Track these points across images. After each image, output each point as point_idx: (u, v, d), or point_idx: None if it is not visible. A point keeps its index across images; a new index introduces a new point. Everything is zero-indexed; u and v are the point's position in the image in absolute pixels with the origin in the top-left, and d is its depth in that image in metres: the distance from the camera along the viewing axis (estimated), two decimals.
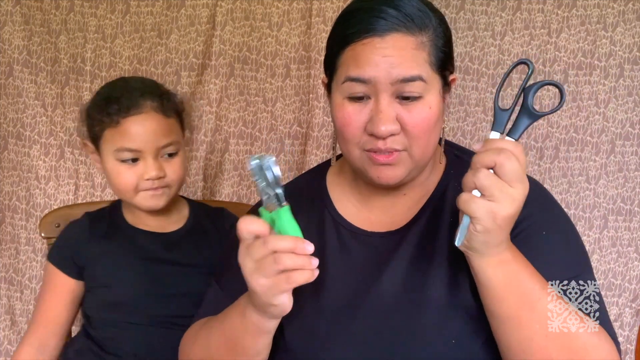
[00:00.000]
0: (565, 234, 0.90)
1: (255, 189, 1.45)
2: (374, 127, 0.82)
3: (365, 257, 0.91)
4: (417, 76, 0.82)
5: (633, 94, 1.32)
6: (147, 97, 1.09)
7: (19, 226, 1.48)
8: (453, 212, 0.89)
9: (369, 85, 0.82)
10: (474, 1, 1.34)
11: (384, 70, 0.81)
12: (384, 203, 0.94)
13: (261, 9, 1.42)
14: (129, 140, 1.07)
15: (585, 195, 1.35)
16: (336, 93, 0.87)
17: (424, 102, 0.83)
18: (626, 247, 1.35)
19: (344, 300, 0.89)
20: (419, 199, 0.93)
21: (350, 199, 0.97)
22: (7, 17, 1.44)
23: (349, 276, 0.90)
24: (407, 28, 0.82)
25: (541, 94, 1.33)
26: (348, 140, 0.86)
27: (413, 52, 0.82)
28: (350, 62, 0.84)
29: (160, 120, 1.09)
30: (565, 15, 1.33)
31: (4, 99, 1.46)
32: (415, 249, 0.89)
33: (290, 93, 1.43)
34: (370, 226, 0.94)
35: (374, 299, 0.87)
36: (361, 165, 0.88)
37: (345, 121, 0.85)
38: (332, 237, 0.94)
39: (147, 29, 1.44)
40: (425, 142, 0.85)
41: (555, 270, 0.83)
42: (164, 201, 1.11)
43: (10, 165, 1.48)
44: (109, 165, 1.10)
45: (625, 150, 1.33)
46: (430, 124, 0.84)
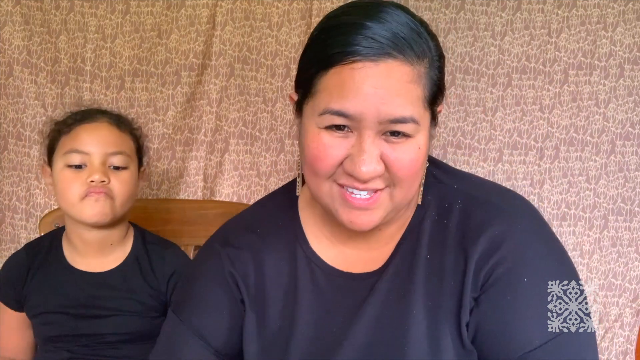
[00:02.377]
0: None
1: (255, 189, 1.46)
2: (355, 167, 0.71)
3: (340, 302, 0.83)
4: (408, 117, 0.71)
5: (633, 94, 1.32)
6: (104, 114, 1.14)
7: (19, 226, 1.48)
8: (429, 247, 0.81)
9: (353, 121, 0.71)
10: (474, 1, 1.34)
11: (372, 106, 0.69)
12: (359, 239, 0.85)
13: (261, 9, 1.42)
14: (79, 142, 1.08)
15: (586, 195, 1.35)
16: (310, 120, 0.75)
17: (412, 142, 0.73)
18: (626, 247, 1.35)
19: (315, 353, 0.82)
20: (395, 232, 0.84)
21: (324, 233, 0.87)
22: (7, 17, 1.44)
23: (321, 325, 0.83)
24: (404, 55, 0.70)
25: (541, 94, 1.33)
26: (320, 174, 0.75)
27: (407, 86, 0.70)
28: (332, 90, 0.71)
29: (112, 131, 1.11)
30: (565, 15, 1.33)
31: (4, 99, 1.46)
32: (390, 294, 0.81)
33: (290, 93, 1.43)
34: (345, 264, 0.85)
35: (348, 352, 0.80)
36: (331, 204, 0.76)
37: (319, 154, 0.73)
38: (305, 276, 0.85)
39: (147, 29, 1.44)
40: (409, 185, 0.76)
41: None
42: (107, 210, 1.08)
43: (10, 165, 1.48)
44: (57, 173, 1.10)
45: (626, 150, 1.33)
46: (418, 165, 0.74)
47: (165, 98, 1.46)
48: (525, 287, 0.75)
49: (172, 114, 1.46)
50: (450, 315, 0.77)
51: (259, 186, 1.45)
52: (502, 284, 0.75)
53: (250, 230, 0.90)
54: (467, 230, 0.79)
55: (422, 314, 0.78)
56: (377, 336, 0.79)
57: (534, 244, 0.78)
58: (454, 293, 0.78)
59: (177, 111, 1.46)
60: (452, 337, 0.76)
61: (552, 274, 0.76)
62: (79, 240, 1.14)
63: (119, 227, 1.15)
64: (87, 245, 1.14)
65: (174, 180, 1.48)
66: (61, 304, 1.12)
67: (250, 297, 0.87)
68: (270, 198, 0.96)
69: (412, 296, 0.79)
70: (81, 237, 1.13)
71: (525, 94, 1.34)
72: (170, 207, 1.40)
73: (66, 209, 1.11)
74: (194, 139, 1.45)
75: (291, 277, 0.85)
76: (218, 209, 1.39)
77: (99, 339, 1.11)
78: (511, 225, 0.78)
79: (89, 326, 1.11)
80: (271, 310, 0.85)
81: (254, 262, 0.87)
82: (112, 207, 1.09)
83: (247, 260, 0.87)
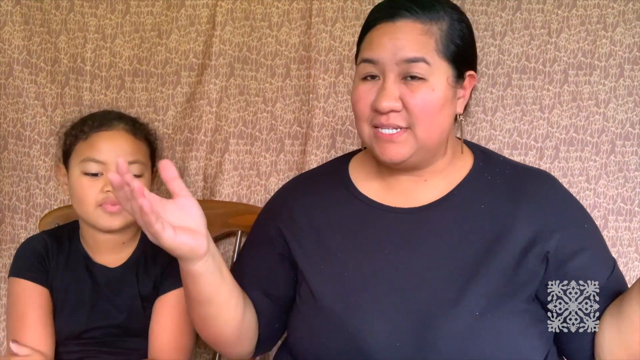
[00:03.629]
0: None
1: (255, 189, 1.46)
2: (377, 102, 0.91)
3: (390, 232, 0.96)
4: (420, 58, 0.89)
5: (633, 94, 1.32)
6: (120, 120, 1.15)
7: (19, 226, 1.48)
8: (485, 200, 0.95)
9: (378, 65, 0.91)
10: (474, 1, 1.34)
11: (390, 52, 0.90)
12: (405, 187, 0.99)
13: (261, 9, 1.42)
14: (96, 151, 1.10)
15: (586, 195, 1.35)
16: (355, 74, 0.97)
17: (427, 84, 0.90)
18: (626, 247, 1.35)
19: (371, 272, 0.93)
20: (442, 186, 0.98)
21: (371, 181, 1.02)
22: (7, 17, 1.44)
23: (375, 249, 0.95)
24: (416, 16, 0.91)
25: (541, 94, 1.33)
26: (359, 117, 0.95)
27: (419, 37, 0.90)
28: (365, 46, 0.94)
29: (129, 139, 1.13)
30: (565, 15, 1.33)
31: (4, 99, 1.46)
32: (444, 227, 0.94)
33: (290, 93, 1.43)
34: (392, 203, 0.98)
35: (402, 271, 0.92)
36: (369, 142, 0.95)
37: (356, 98, 0.95)
38: (356, 212, 0.98)
39: (147, 29, 1.44)
40: (428, 124, 0.91)
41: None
42: (119, 222, 1.11)
43: (10, 165, 1.48)
44: (73, 179, 1.12)
45: (626, 150, 1.33)
46: (433, 105, 0.90)
47: (165, 98, 1.46)
48: (588, 230, 0.97)
49: (172, 114, 1.46)
50: (504, 253, 0.92)
51: (259, 186, 1.45)
52: (570, 233, 0.94)
53: (303, 183, 1.09)
54: (520, 190, 0.96)
55: (475, 245, 0.92)
56: (432, 259, 0.92)
57: (574, 200, 1.02)
58: (509, 239, 0.92)
59: (177, 111, 1.46)
60: (502, 271, 0.90)
61: (590, 220, 1.00)
62: (92, 239, 1.17)
63: (131, 228, 1.18)
64: (99, 244, 1.17)
65: None
66: (79, 294, 1.13)
67: (302, 234, 1.00)
68: (329, 161, 1.15)
69: (466, 230, 0.94)
70: (95, 237, 1.16)
71: (525, 94, 1.34)
72: None
73: (81, 214, 1.14)
74: (194, 139, 1.45)
75: (342, 214, 0.99)
76: (218, 209, 1.39)
77: (110, 331, 1.13)
78: (556, 186, 1.01)
79: (102, 318, 1.13)
80: (324, 241, 0.98)
81: (307, 207, 1.02)
82: (125, 218, 1.12)
83: (300, 207, 1.02)
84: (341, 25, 1.39)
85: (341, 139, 1.41)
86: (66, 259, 1.16)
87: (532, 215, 0.94)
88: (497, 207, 0.95)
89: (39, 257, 1.15)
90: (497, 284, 0.90)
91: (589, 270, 0.92)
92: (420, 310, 0.89)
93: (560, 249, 0.92)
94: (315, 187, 1.05)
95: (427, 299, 0.90)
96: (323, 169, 1.12)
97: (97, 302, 1.14)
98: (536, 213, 0.94)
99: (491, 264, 0.91)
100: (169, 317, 1.12)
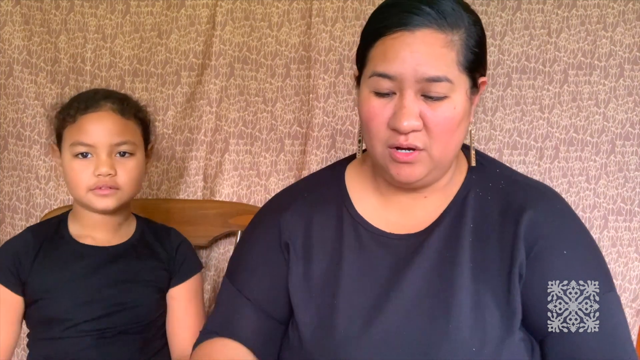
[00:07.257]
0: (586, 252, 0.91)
1: (255, 189, 1.46)
2: (397, 122, 0.83)
3: (384, 258, 0.91)
4: (442, 77, 0.82)
5: (633, 94, 1.32)
6: (107, 100, 1.13)
7: (19, 226, 1.48)
8: (473, 218, 0.90)
9: (395, 81, 0.83)
10: (474, 1, 1.34)
11: (410, 67, 0.81)
12: (403, 204, 0.94)
13: (261, 9, 1.42)
14: (84, 135, 1.09)
15: (585, 195, 1.35)
16: (364, 86, 0.88)
17: (449, 102, 0.84)
18: (626, 247, 1.35)
19: (362, 301, 0.89)
20: (440, 204, 0.93)
21: (369, 197, 0.97)
22: (7, 17, 1.44)
23: (367, 277, 0.90)
24: (437, 25, 0.82)
25: (541, 94, 1.33)
26: (372, 135, 0.87)
27: (441, 50, 0.82)
28: (378, 57, 0.84)
29: (117, 120, 1.12)
30: (565, 15, 1.33)
31: (4, 99, 1.46)
32: (437, 254, 0.89)
33: (290, 93, 1.43)
34: (388, 227, 0.93)
35: (395, 302, 0.87)
36: (383, 162, 0.88)
37: (370, 115, 0.86)
38: (350, 235, 0.94)
39: (147, 29, 1.44)
40: (446, 143, 0.86)
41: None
42: (113, 203, 1.11)
43: (10, 165, 1.48)
44: (65, 162, 1.12)
45: (626, 150, 1.33)
46: (453, 123, 0.85)
47: (165, 98, 1.46)
48: (567, 257, 0.87)
49: (172, 114, 1.46)
50: (494, 279, 0.87)
51: (259, 186, 1.45)
52: (546, 254, 0.86)
53: (300, 195, 1.01)
54: (511, 207, 0.90)
55: (467, 273, 0.87)
56: (425, 288, 0.87)
57: (569, 220, 0.92)
58: (497, 260, 0.87)
59: (177, 111, 1.46)
60: (495, 298, 0.85)
61: (586, 247, 0.91)
62: (87, 219, 1.16)
63: (127, 207, 1.19)
64: (95, 224, 1.16)
65: (174, 180, 1.48)
66: (72, 278, 1.12)
67: (297, 256, 0.95)
68: (325, 169, 1.08)
69: (458, 256, 0.88)
70: (90, 217, 1.16)
71: (525, 94, 1.34)
72: (170, 207, 1.40)
73: (75, 196, 1.14)
74: (194, 139, 1.45)
75: (337, 236, 0.94)
76: (218, 209, 1.39)
77: (115, 314, 1.11)
78: (551, 205, 0.92)
79: (101, 297, 1.11)
80: (317, 265, 0.93)
81: (303, 224, 0.96)
82: (119, 198, 1.12)
83: (296, 223, 0.96)
84: (341, 25, 1.39)
85: (341, 139, 1.41)
86: (54, 248, 1.15)
87: (523, 232, 0.88)
88: (486, 227, 0.90)
89: (14, 259, 1.13)
90: (492, 315, 0.85)
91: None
92: (415, 342, 0.85)
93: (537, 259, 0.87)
94: (313, 202, 0.98)
95: (420, 331, 0.85)
96: (321, 178, 1.04)
97: (96, 284, 1.12)
98: (527, 229, 0.88)
99: (486, 292, 0.86)
100: (185, 311, 1.17)
